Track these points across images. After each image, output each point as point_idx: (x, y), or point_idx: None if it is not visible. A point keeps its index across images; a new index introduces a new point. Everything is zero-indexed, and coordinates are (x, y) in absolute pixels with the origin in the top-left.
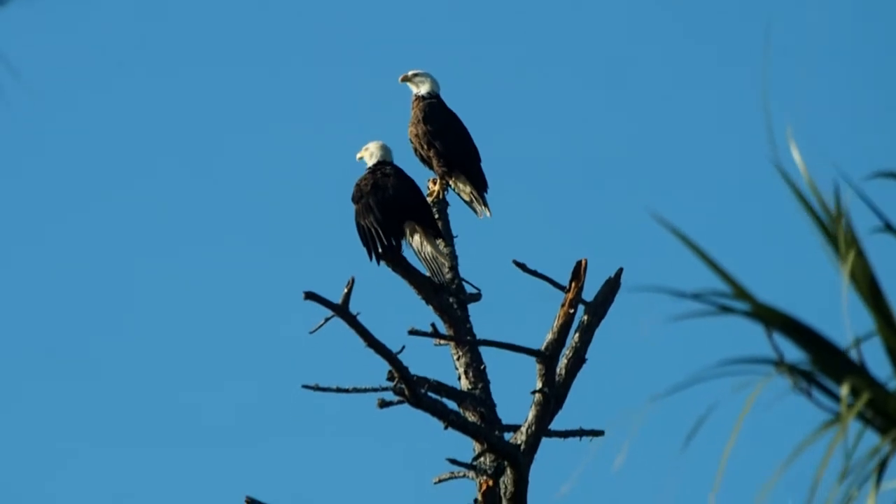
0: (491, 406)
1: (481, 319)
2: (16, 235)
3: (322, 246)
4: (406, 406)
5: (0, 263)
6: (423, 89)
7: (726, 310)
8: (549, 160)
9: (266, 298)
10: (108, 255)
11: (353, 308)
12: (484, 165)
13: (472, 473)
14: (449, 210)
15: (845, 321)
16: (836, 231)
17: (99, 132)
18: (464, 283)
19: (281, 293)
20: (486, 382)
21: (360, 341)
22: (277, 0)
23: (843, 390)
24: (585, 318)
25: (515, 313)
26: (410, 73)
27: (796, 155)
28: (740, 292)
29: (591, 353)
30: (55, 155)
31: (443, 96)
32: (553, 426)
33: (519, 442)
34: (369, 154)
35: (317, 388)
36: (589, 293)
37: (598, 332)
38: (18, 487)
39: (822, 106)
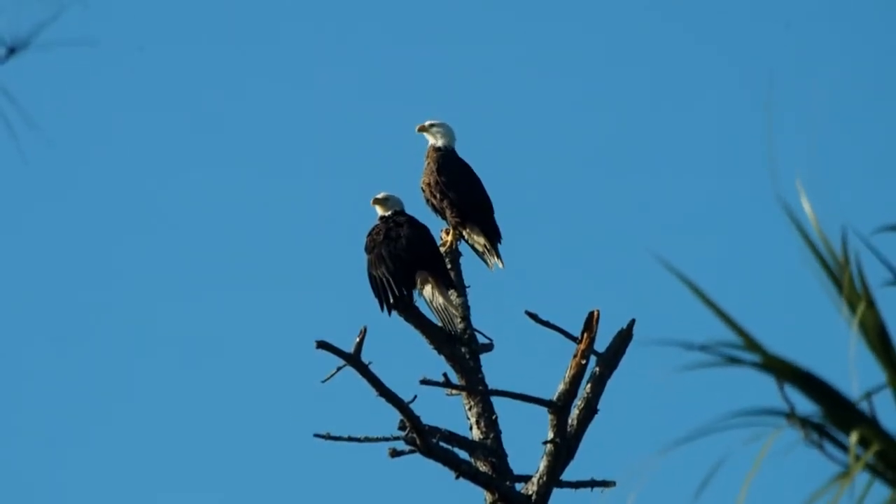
0: (502, 456)
1: (493, 369)
2: (30, 287)
3: (334, 295)
4: (418, 456)
5: (16, 314)
6: (440, 140)
7: (736, 361)
8: (562, 210)
9: (278, 347)
10: (122, 302)
11: (366, 357)
12: (497, 216)
13: None
14: (461, 260)
15: (852, 372)
16: (843, 279)
17: (112, 181)
18: (476, 333)
19: (293, 342)
20: (498, 432)
21: (372, 390)
22: (294, 49)
23: (852, 439)
24: (597, 369)
25: (527, 364)
26: (428, 123)
27: (807, 206)
28: (750, 344)
29: (602, 404)
30: (70, 204)
31: (458, 146)
32: (565, 477)
33: (530, 492)
34: (383, 199)
35: (328, 437)
36: (601, 343)
37: (610, 383)
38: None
39: (836, 156)
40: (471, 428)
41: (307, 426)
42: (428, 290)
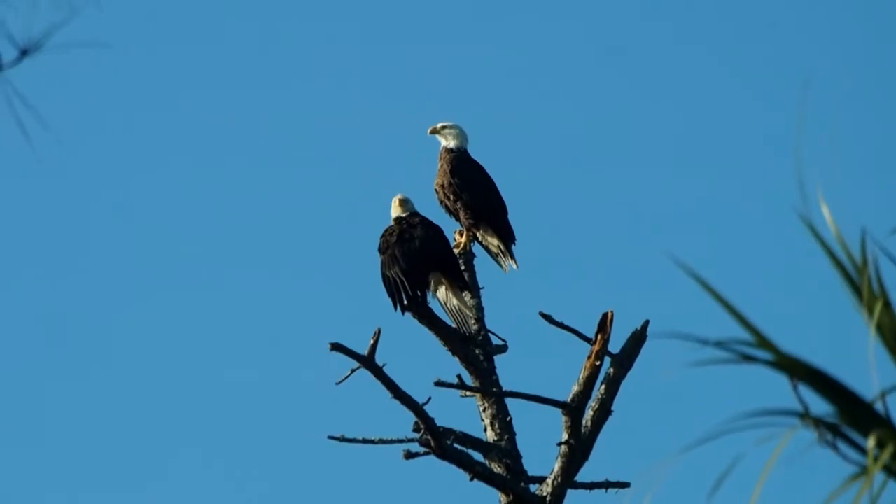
0: (517, 457)
1: (507, 371)
2: (38, 290)
3: (348, 296)
4: (432, 457)
5: (23, 318)
6: (452, 142)
7: (749, 359)
8: (576, 210)
9: (292, 349)
10: (134, 301)
11: (380, 359)
12: (511, 217)
13: None
14: (475, 261)
15: (872, 372)
16: (861, 281)
17: (124, 180)
18: (490, 334)
19: (307, 344)
20: (512, 434)
21: (387, 392)
22: (305, 53)
23: (870, 442)
24: (611, 370)
25: (541, 365)
26: (439, 125)
27: (824, 207)
28: (763, 341)
29: (617, 405)
30: (82, 204)
31: (470, 147)
32: (579, 478)
33: (545, 494)
34: (398, 202)
35: (342, 440)
36: (615, 344)
37: (624, 384)
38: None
39: (853, 160)
40: (485, 429)
41: (321, 428)
42: (442, 291)
